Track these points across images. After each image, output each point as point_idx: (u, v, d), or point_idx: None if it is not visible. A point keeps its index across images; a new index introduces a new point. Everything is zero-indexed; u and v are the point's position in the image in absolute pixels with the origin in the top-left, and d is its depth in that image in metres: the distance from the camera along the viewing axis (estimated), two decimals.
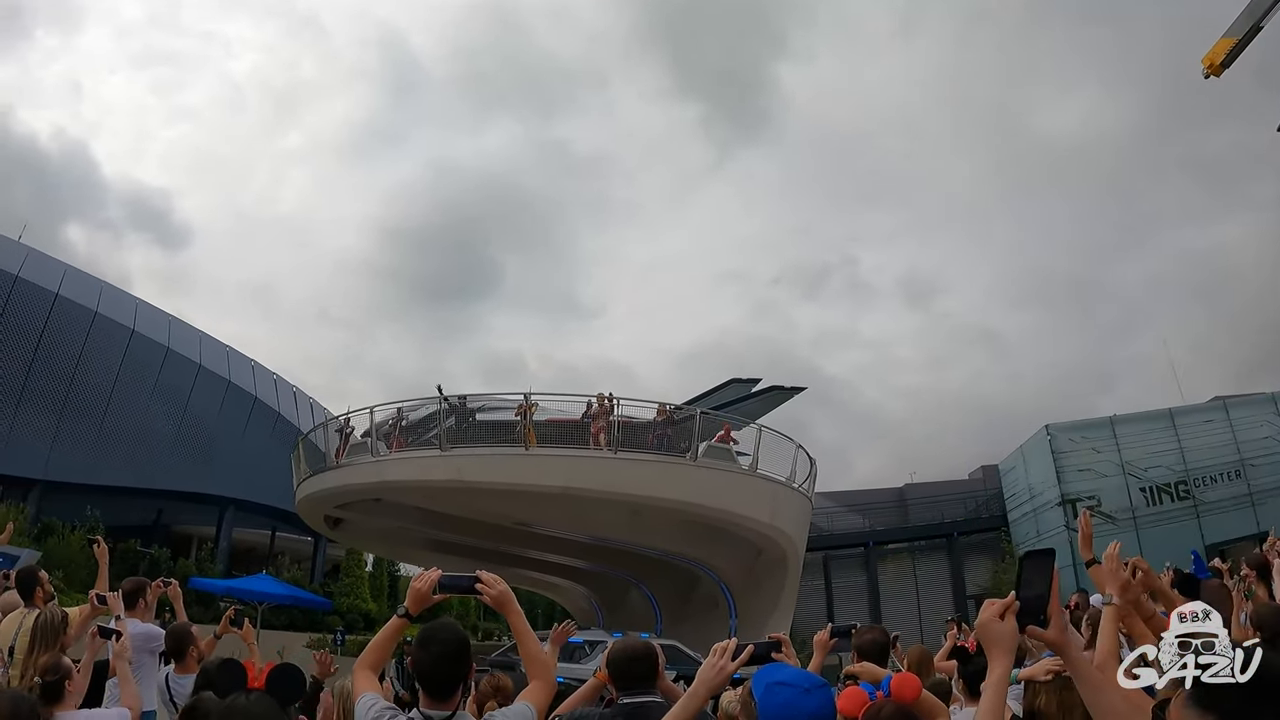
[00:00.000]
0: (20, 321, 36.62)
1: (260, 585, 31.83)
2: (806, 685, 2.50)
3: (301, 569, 46.52)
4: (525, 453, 19.59)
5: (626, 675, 3.53)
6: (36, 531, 33.60)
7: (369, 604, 44.25)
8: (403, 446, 21.20)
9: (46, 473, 36.83)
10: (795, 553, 23.12)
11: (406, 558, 38.75)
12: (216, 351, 44.53)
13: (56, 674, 4.40)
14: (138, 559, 36.10)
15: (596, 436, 19.92)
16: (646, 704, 3.40)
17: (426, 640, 2.95)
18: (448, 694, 2.91)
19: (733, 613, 23.40)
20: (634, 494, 19.97)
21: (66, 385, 37.76)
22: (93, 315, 38.48)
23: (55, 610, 5.47)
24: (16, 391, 36.66)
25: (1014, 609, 2.20)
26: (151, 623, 7.12)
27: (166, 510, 43.22)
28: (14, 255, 37.73)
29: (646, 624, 24.89)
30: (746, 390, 26.66)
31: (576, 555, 25.73)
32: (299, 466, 23.95)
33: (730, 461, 21.22)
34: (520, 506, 21.35)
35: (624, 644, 3.69)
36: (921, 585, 37.95)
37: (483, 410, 21.51)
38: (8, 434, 36.15)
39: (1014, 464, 37.68)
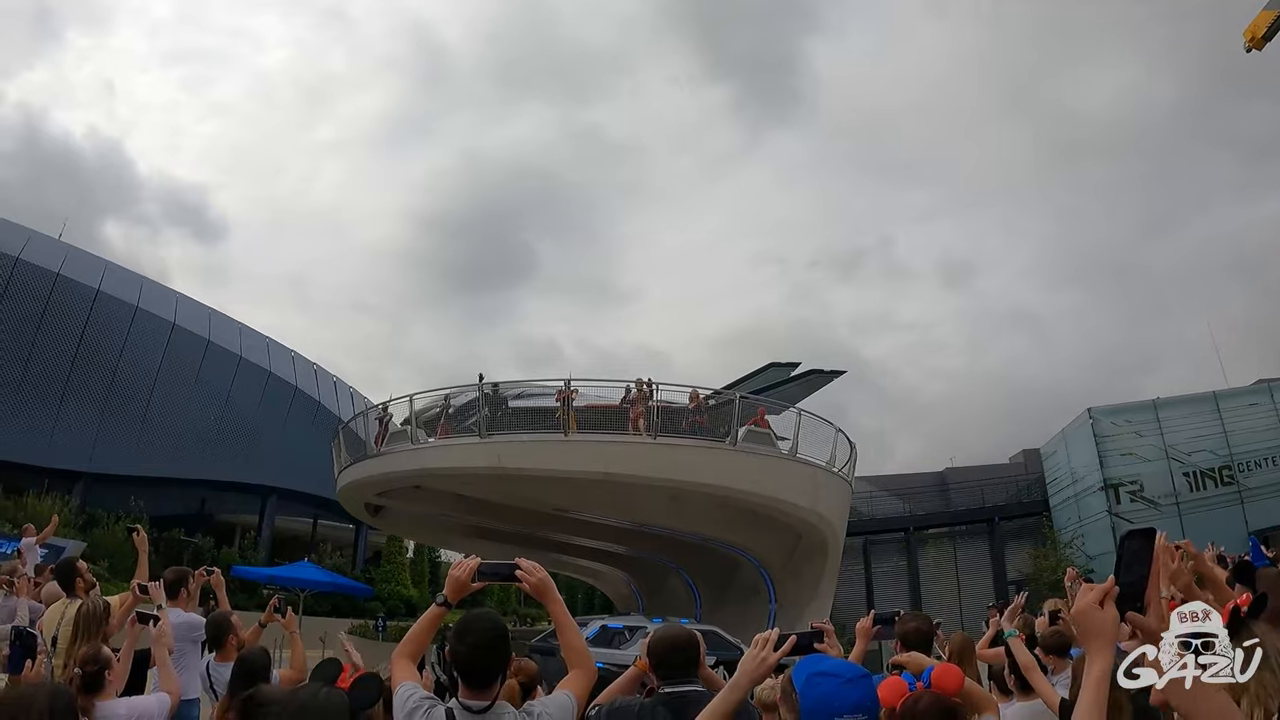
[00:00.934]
0: (62, 318, 37.26)
1: (303, 573, 32.11)
2: (849, 676, 2.47)
3: (343, 556, 47.03)
4: (565, 439, 19.60)
5: (667, 664, 3.47)
6: (82, 522, 34.25)
7: (410, 590, 44.69)
8: (444, 434, 21.29)
9: (91, 465, 37.50)
10: (835, 538, 22.95)
11: (446, 544, 39.05)
12: (257, 343, 45.14)
13: (96, 664, 4.45)
14: (182, 548, 36.60)
15: (635, 422, 19.86)
16: (687, 693, 3.35)
17: (464, 631, 2.93)
18: (486, 684, 2.89)
19: (772, 598, 23.30)
20: (674, 479, 19.89)
21: (109, 379, 38.37)
22: (134, 310, 39.07)
23: (97, 600, 5.56)
24: (60, 386, 37.32)
25: (1113, 594, 1.99)
26: (194, 611, 7.20)
27: (210, 500, 44.01)
28: (55, 253, 38.37)
29: (686, 609, 24.90)
30: (786, 374, 26.51)
31: (616, 541, 25.75)
32: (339, 455, 24.15)
33: (770, 446, 21.09)
34: (560, 492, 21.38)
35: (665, 632, 3.62)
36: (962, 570, 37.69)
37: (521, 397, 21.53)
38: (52, 428, 36.82)
39: (1056, 448, 37.34)
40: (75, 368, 37.58)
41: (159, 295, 41.79)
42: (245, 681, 4.52)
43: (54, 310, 37.14)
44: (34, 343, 36.73)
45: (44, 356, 37.06)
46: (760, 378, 26.53)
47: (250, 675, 4.54)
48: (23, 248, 37.25)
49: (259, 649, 5.03)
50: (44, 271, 37.10)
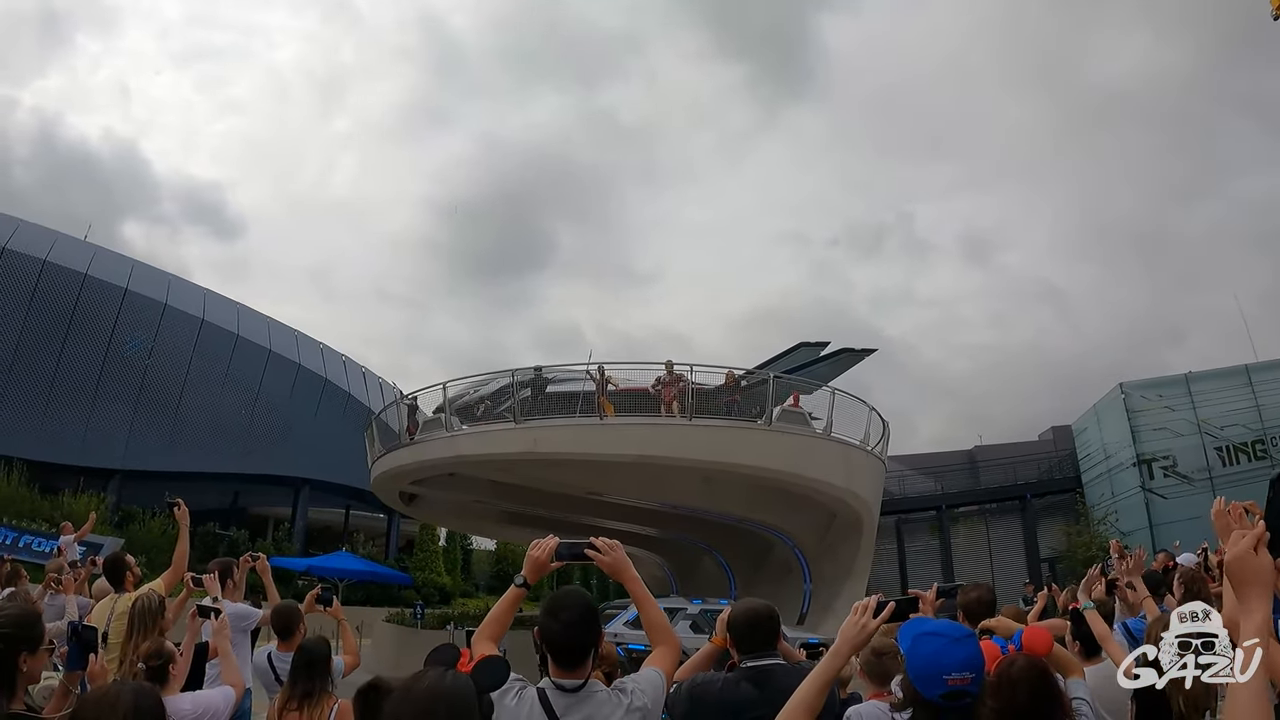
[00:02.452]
0: (92, 318, 37.70)
1: (339, 562, 32.46)
2: (956, 635, 2.48)
3: (376, 545, 47.37)
4: (601, 422, 19.64)
5: (749, 638, 3.47)
6: (118, 519, 34.67)
7: (444, 578, 45.09)
8: (477, 420, 21.34)
9: (125, 462, 37.92)
10: (870, 516, 22.90)
11: (479, 531, 39.19)
12: (285, 336, 45.44)
13: (160, 658, 4.48)
14: (216, 541, 37.00)
15: (669, 404, 19.86)
16: (770, 666, 3.36)
17: (555, 608, 2.88)
18: (578, 662, 2.83)
19: (807, 578, 23.30)
20: (708, 460, 19.84)
21: (140, 377, 38.75)
22: (162, 307, 39.44)
23: (152, 594, 5.48)
24: (92, 386, 37.73)
25: (1265, 539, 1.84)
26: (242, 601, 7.24)
27: (243, 493, 44.37)
28: (82, 254, 38.81)
29: (720, 590, 24.91)
30: (816, 354, 26.45)
31: (649, 523, 25.77)
32: (372, 445, 24.26)
33: (804, 425, 21.04)
34: (594, 476, 21.38)
35: (745, 606, 3.62)
36: (995, 548, 37.51)
37: (554, 382, 21.56)
38: (85, 427, 37.24)
39: (1087, 424, 37.06)
40: (106, 366, 37.99)
41: (187, 292, 42.17)
42: (307, 671, 4.61)
43: (84, 310, 37.54)
44: (65, 343, 37.13)
45: (75, 356, 37.47)
46: (790, 358, 26.46)
47: (312, 664, 4.65)
48: (50, 250, 37.66)
49: (319, 638, 5.05)
50: (72, 273, 37.51)
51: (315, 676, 4.58)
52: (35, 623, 3.24)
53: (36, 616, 3.36)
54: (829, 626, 18.66)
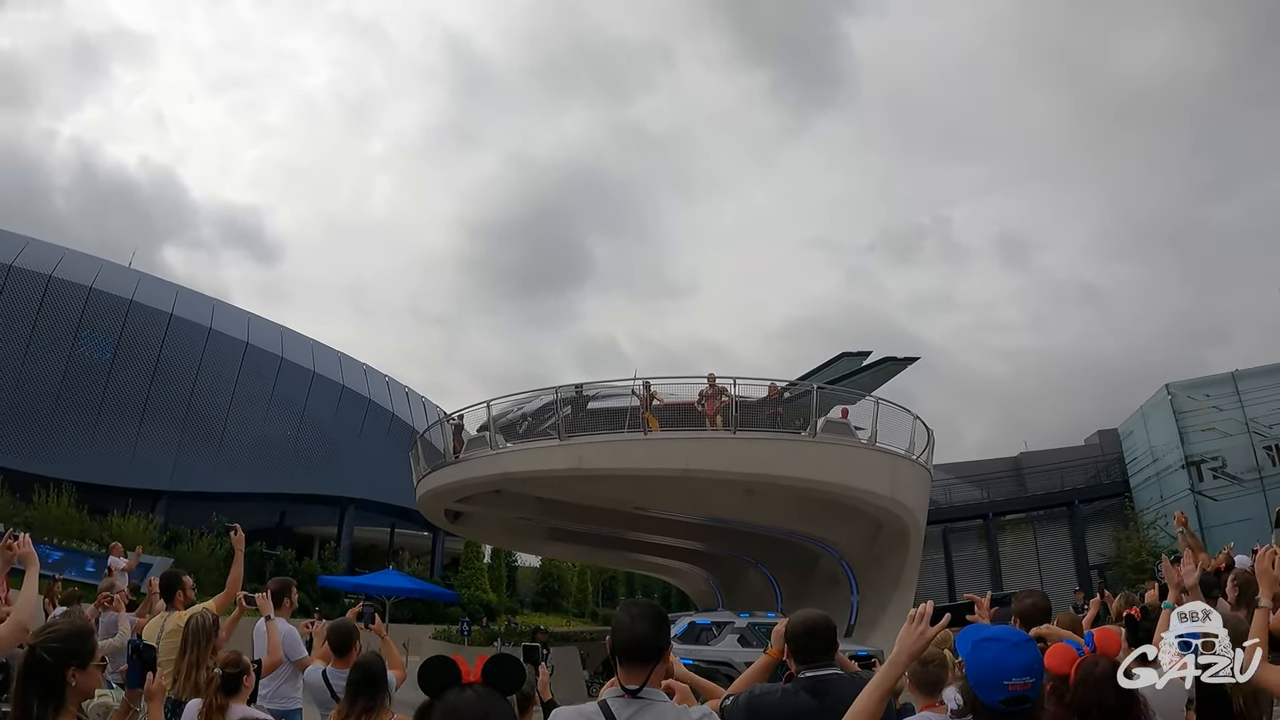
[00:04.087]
0: (138, 343, 38.35)
1: (387, 580, 32.69)
2: (1014, 640, 2.48)
3: (421, 563, 47.65)
4: (645, 437, 19.59)
5: (808, 648, 3.45)
6: (166, 539, 35.11)
7: (489, 595, 45.23)
8: (521, 437, 21.43)
9: (172, 483, 38.51)
10: (917, 526, 22.68)
11: (524, 548, 39.35)
12: (329, 358, 45.97)
13: (237, 668, 4.59)
14: (263, 560, 37.36)
15: (713, 418, 19.83)
16: (828, 677, 3.34)
17: (629, 605, 2.95)
18: (645, 663, 2.81)
19: (854, 589, 23.11)
20: (752, 473, 19.77)
21: (186, 400, 39.33)
22: (207, 332, 40.07)
23: (207, 613, 5.56)
24: (139, 410, 38.35)
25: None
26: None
27: (289, 513, 44.88)
28: (127, 281, 39.54)
29: (766, 603, 24.80)
30: (858, 364, 26.26)
31: (693, 537, 25.76)
32: (418, 464, 24.41)
33: (849, 436, 20.92)
34: (639, 491, 21.42)
35: (803, 616, 3.58)
36: (1043, 556, 37.07)
37: (597, 398, 21.60)
38: (133, 449, 37.81)
39: (1134, 426, 36.54)
40: (153, 390, 38.59)
41: (231, 316, 42.82)
42: (368, 686, 4.60)
43: (130, 335, 38.19)
44: (112, 367, 37.80)
45: (122, 380, 38.12)
46: (833, 368, 26.32)
47: (372, 680, 4.64)
48: (95, 277, 38.36)
49: (374, 654, 5.09)
50: (118, 299, 38.19)
51: (375, 692, 4.60)
52: (86, 639, 3.31)
53: (88, 633, 3.42)
54: (877, 638, 18.54)
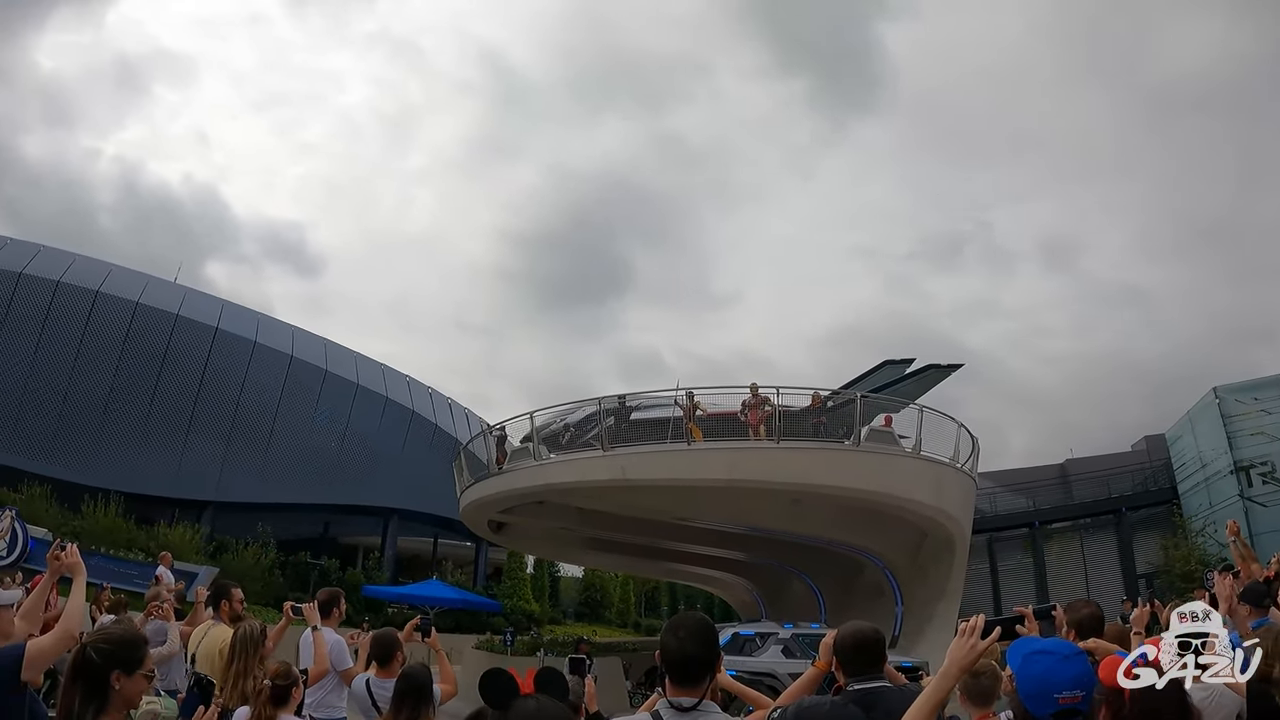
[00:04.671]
0: (184, 356, 39.05)
1: (431, 590, 32.96)
2: (1065, 653, 2.52)
3: (464, 573, 47.94)
4: (688, 448, 19.56)
5: (856, 660, 3.43)
6: (211, 549, 35.58)
7: (532, 605, 45.37)
8: (564, 448, 21.50)
9: (218, 494, 39.09)
10: (962, 535, 22.44)
11: (567, 558, 39.49)
12: (372, 370, 46.46)
13: (287, 679, 4.64)
14: (308, 570, 37.81)
15: (756, 427, 19.78)
16: (878, 689, 3.31)
17: (675, 625, 2.95)
18: (696, 680, 2.85)
19: (898, 600, 22.93)
20: (796, 482, 19.67)
21: (232, 412, 39.93)
22: (252, 345, 40.72)
23: (254, 624, 5.61)
24: (186, 421, 39.01)
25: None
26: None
27: (333, 523, 45.40)
28: (173, 296, 40.32)
29: (810, 614, 24.67)
30: (901, 371, 26.09)
31: (736, 547, 25.69)
32: (461, 475, 24.58)
33: (893, 444, 20.79)
34: (681, 501, 21.42)
35: (852, 628, 3.57)
36: (1090, 565, 36.54)
37: (639, 409, 21.63)
38: (179, 460, 38.44)
39: (1181, 432, 35.91)
40: (199, 402, 39.25)
41: (276, 330, 43.49)
42: (413, 697, 4.63)
43: (176, 349, 38.87)
44: (159, 380, 38.48)
45: (169, 393, 38.79)
46: (876, 376, 26.14)
47: (417, 691, 4.66)
48: (142, 292, 39.17)
49: (421, 665, 5.11)
50: (164, 313, 38.97)
51: (420, 703, 4.62)
52: (137, 647, 3.36)
53: (140, 642, 3.46)
54: (922, 649, 18.40)
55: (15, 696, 3.56)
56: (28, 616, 4.38)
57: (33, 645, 3.70)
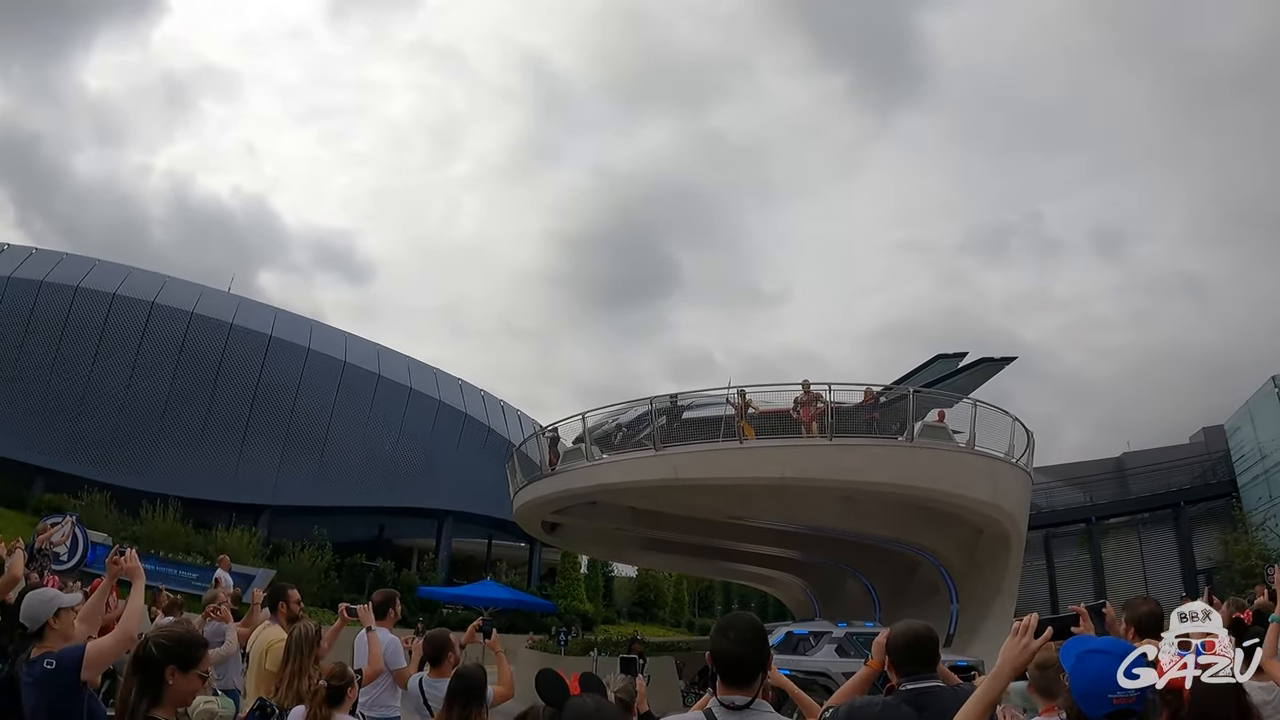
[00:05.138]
0: (239, 364, 39.84)
1: (485, 591, 33.17)
2: (1120, 652, 2.46)
3: (518, 574, 48.20)
4: (741, 446, 19.53)
5: (909, 660, 3.38)
6: (269, 552, 36.11)
7: (586, 605, 45.67)
8: (616, 449, 21.56)
9: (275, 498, 39.72)
10: (1018, 532, 22.16)
11: (621, 558, 39.58)
12: (425, 374, 46.99)
13: (342, 680, 4.70)
14: (363, 572, 38.28)
15: (808, 425, 19.71)
16: (930, 689, 3.27)
17: (726, 627, 2.97)
18: (748, 680, 2.88)
19: (954, 598, 22.70)
20: (849, 480, 19.66)
21: (287, 418, 40.57)
22: (306, 352, 41.31)
23: (309, 624, 5.69)
24: (241, 428, 39.76)
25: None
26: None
27: (388, 525, 46.08)
28: (227, 305, 41.13)
29: (864, 613, 24.51)
30: (954, 365, 25.79)
31: (790, 546, 25.61)
32: (514, 476, 24.77)
33: (946, 440, 20.61)
34: (734, 500, 21.42)
35: (905, 627, 3.52)
36: (1148, 560, 35.92)
37: (691, 408, 21.63)
38: (236, 465, 39.14)
39: (1240, 423, 35.21)
40: (255, 409, 39.97)
41: (329, 336, 44.15)
42: (464, 696, 4.64)
43: (231, 357, 39.64)
44: (215, 388, 39.27)
45: (225, 400, 39.54)
46: (928, 371, 25.87)
47: (468, 691, 4.68)
48: (196, 302, 40.01)
49: (476, 665, 5.13)
50: (218, 323, 39.75)
51: (472, 703, 4.64)
52: (195, 645, 3.50)
53: (198, 643, 3.59)
54: (977, 648, 18.17)
55: (75, 696, 3.74)
56: (87, 619, 4.47)
57: (92, 646, 3.87)
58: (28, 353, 37.51)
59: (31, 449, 36.29)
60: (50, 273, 38.89)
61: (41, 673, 3.74)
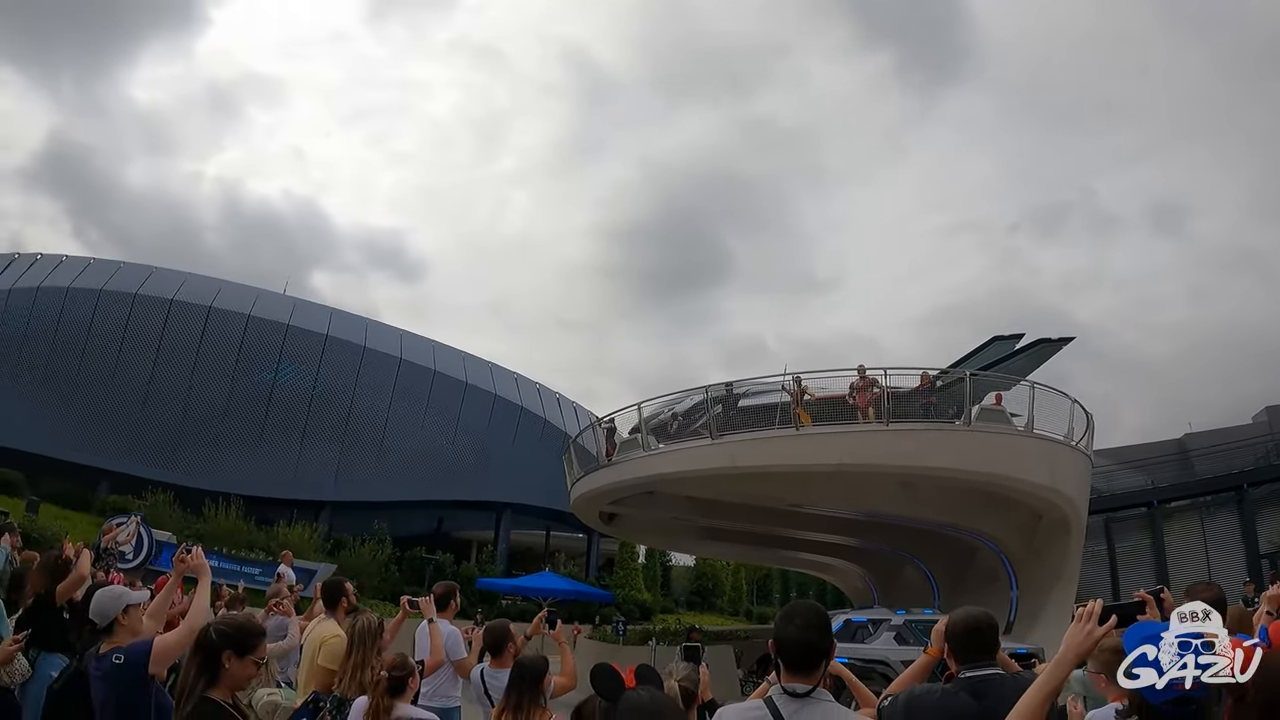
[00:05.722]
0: (297, 365, 40.40)
1: (544, 582, 33.53)
2: None
3: (576, 565, 48.68)
4: (797, 433, 19.53)
5: (968, 648, 3.38)
6: (329, 547, 36.76)
7: (644, 594, 46.02)
8: (672, 438, 21.62)
9: (335, 494, 40.45)
10: (1078, 516, 21.83)
11: (678, 547, 39.64)
12: (480, 369, 47.61)
13: (404, 670, 4.79)
14: (423, 565, 38.84)
15: (864, 410, 19.64)
16: (989, 676, 3.26)
17: (790, 614, 2.97)
18: (810, 668, 2.86)
19: (1013, 584, 22.50)
20: (907, 465, 19.52)
21: (345, 416, 41.30)
22: (362, 350, 41.93)
23: (371, 616, 5.73)
24: (300, 426, 40.52)
25: None
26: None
27: (446, 518, 46.78)
28: (283, 307, 41.93)
29: (923, 600, 24.38)
30: (1010, 347, 25.51)
31: (848, 533, 25.53)
32: (571, 468, 24.98)
33: (1004, 423, 20.45)
34: (792, 487, 21.37)
35: (964, 614, 3.51)
36: (1211, 545, 35.25)
37: (746, 395, 21.63)
38: (295, 463, 39.91)
39: None
40: (313, 407, 40.74)
41: (384, 334, 44.85)
42: (520, 684, 4.73)
43: (289, 358, 40.41)
44: (273, 389, 40.04)
45: (283, 399, 40.37)
46: (984, 353, 25.63)
47: (523, 679, 4.76)
48: (253, 305, 40.76)
49: (537, 655, 5.19)
50: (275, 324, 40.53)
51: (530, 692, 4.70)
52: (252, 633, 3.78)
53: (256, 630, 3.87)
54: (1037, 635, 18.05)
55: (143, 689, 3.97)
56: (155, 615, 4.65)
57: (159, 641, 4.09)
58: (90, 359, 38.58)
59: (96, 452, 37.33)
60: (109, 281, 39.97)
61: (110, 667, 3.97)
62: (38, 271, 40.53)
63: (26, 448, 35.79)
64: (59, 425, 37.39)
